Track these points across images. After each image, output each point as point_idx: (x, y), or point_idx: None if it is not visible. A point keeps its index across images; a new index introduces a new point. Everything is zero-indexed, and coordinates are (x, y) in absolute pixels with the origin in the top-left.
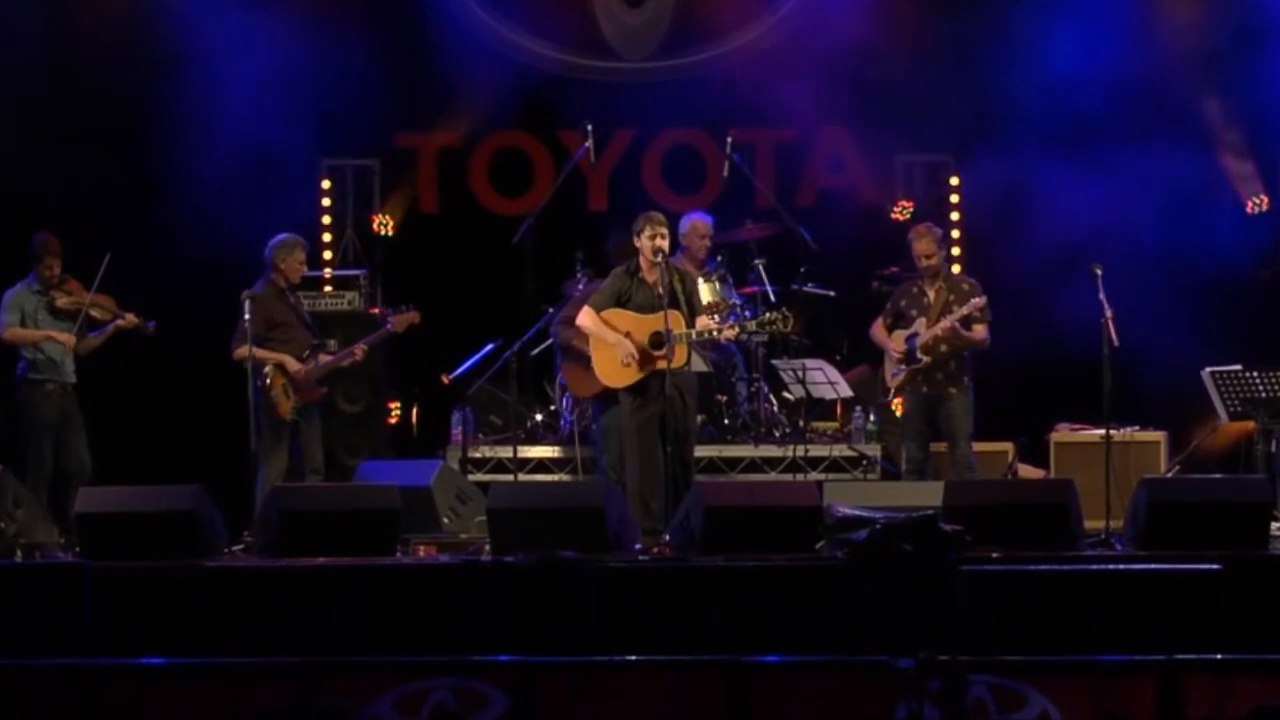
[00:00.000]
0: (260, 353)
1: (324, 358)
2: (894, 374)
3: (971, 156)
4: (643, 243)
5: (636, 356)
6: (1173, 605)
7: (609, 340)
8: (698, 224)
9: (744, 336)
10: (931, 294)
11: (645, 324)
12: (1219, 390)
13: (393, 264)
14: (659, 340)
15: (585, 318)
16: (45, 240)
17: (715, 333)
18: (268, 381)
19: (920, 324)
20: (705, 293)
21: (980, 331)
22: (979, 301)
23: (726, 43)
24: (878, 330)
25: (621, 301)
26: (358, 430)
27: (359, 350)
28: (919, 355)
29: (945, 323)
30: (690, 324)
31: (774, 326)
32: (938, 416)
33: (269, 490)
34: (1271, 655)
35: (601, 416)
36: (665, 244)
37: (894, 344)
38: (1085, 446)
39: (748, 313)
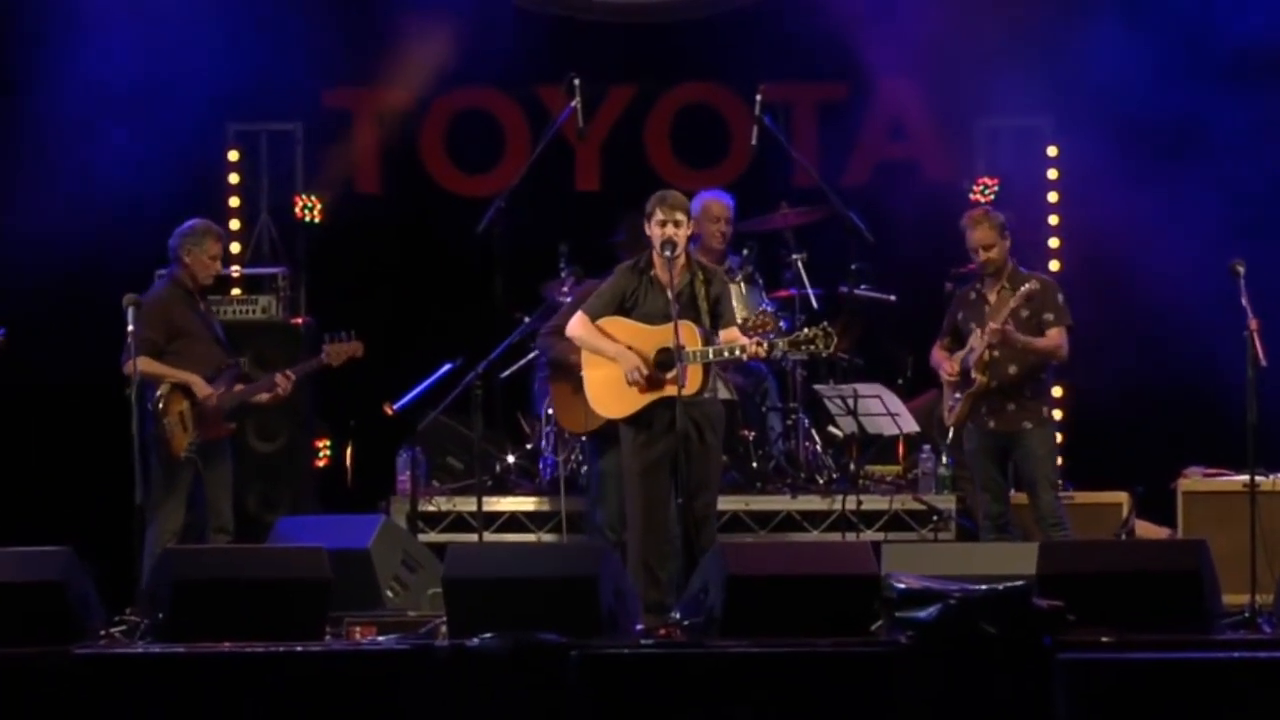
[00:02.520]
0: (155, 366)
1: (239, 386)
2: (949, 405)
3: (1075, 119)
4: (652, 230)
5: (645, 371)
6: None
7: (606, 353)
8: (711, 205)
9: (777, 355)
10: (992, 298)
11: (652, 337)
12: None
13: (321, 259)
14: (667, 359)
15: (577, 326)
16: None
17: (737, 351)
18: (160, 406)
19: (975, 338)
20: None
21: (1052, 337)
22: (1030, 288)
23: None
24: (937, 355)
25: (625, 307)
26: (274, 476)
27: (283, 381)
28: (973, 377)
29: (990, 326)
30: (711, 339)
31: (812, 346)
32: (1011, 459)
33: (159, 554)
34: None
35: (598, 459)
36: (680, 233)
37: (945, 365)
38: (1223, 498)
39: (783, 323)
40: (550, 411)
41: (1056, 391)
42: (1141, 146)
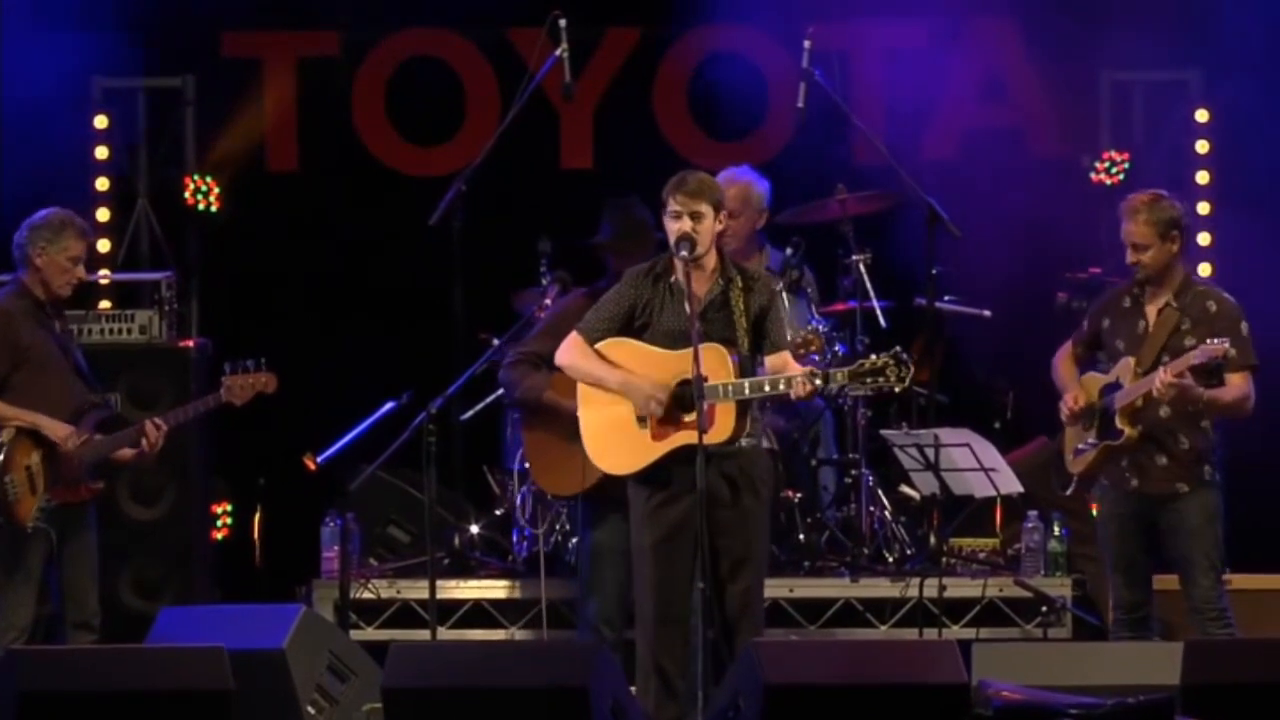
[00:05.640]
0: None
1: (98, 436)
2: (1078, 449)
3: (1233, 73)
4: (667, 224)
5: (664, 402)
6: None
7: (608, 385)
8: (741, 187)
9: (832, 389)
10: (1152, 315)
11: (671, 365)
12: None
13: (219, 261)
14: (688, 394)
15: (570, 351)
16: None
17: (781, 385)
18: (1, 459)
19: (1125, 368)
20: None
21: (1236, 385)
22: (1216, 347)
23: None
24: (1063, 363)
25: (636, 325)
26: (155, 552)
27: (151, 433)
28: (1116, 425)
29: (1165, 376)
30: (751, 367)
31: (879, 380)
32: (1158, 529)
33: (1, 657)
34: None
35: (590, 531)
36: (702, 228)
37: (1070, 394)
38: None
39: (839, 348)
40: (521, 468)
41: None
42: None
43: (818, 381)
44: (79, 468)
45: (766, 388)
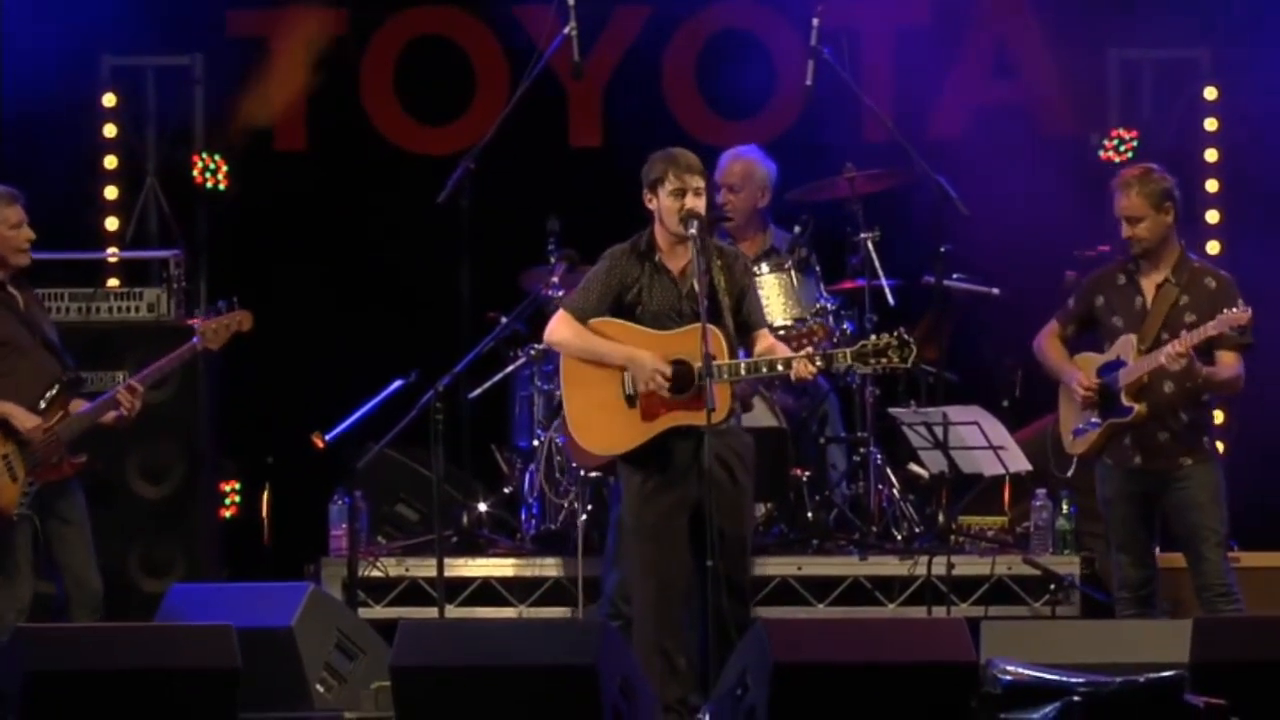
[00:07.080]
0: None
1: (77, 404)
2: (1078, 430)
3: (1242, 51)
4: (661, 202)
5: (668, 376)
6: None
7: (612, 359)
8: (745, 164)
9: (838, 369)
10: (1149, 292)
11: (666, 345)
12: None
13: (227, 239)
14: (685, 375)
15: (560, 328)
16: None
17: (779, 366)
18: None
19: (1126, 345)
20: (771, 291)
21: (1228, 364)
22: (1238, 315)
23: None
24: (1047, 343)
25: (625, 305)
26: (163, 530)
27: (125, 398)
28: (1124, 402)
29: (1176, 346)
30: (739, 346)
31: (883, 360)
32: (1163, 507)
33: (4, 640)
34: None
35: (619, 503)
36: (700, 204)
37: (1078, 374)
38: None
39: (847, 326)
40: (559, 440)
41: (1217, 417)
42: None
43: (819, 363)
44: (55, 447)
45: (764, 369)
